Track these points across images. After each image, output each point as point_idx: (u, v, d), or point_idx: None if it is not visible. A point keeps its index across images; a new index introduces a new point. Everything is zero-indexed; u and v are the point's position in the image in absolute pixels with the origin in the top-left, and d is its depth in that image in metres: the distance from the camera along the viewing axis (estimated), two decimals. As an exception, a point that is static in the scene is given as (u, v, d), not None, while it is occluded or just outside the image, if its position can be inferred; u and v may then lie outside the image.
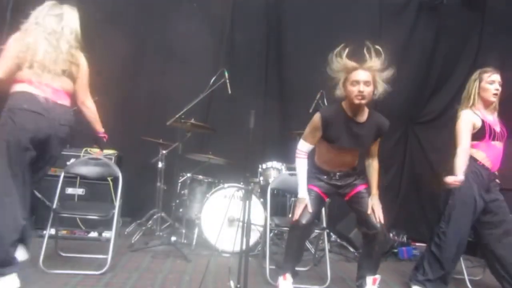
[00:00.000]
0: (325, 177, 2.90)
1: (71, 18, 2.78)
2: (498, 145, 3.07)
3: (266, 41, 5.31)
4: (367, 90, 2.62)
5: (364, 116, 2.78)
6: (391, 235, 4.54)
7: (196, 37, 5.06)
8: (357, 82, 2.62)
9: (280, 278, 2.86)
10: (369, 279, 2.86)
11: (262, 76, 5.31)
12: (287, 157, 4.69)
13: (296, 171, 2.88)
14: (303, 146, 2.86)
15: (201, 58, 5.06)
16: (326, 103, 4.26)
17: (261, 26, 5.30)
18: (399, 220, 5.23)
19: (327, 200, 2.98)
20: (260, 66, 5.31)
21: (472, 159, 3.01)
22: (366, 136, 2.82)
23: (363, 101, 2.64)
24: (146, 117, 5.11)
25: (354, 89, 2.62)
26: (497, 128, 3.08)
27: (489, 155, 3.03)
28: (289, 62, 5.27)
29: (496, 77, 3.05)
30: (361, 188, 2.90)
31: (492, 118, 3.11)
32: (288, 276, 2.85)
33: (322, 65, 2.97)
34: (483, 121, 3.01)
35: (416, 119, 5.56)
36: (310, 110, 4.26)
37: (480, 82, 3.07)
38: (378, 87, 2.67)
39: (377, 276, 2.87)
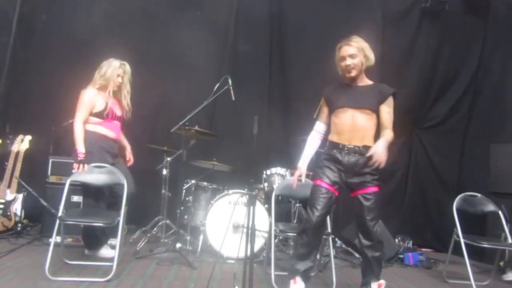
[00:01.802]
0: (334, 151, 2.82)
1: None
2: None
3: (269, 48, 5.34)
4: (354, 61, 2.80)
5: (364, 83, 2.91)
6: (396, 240, 4.52)
7: (200, 45, 5.09)
8: (343, 58, 2.84)
9: (291, 282, 2.85)
10: (374, 285, 2.85)
11: (266, 82, 5.32)
12: (291, 163, 4.70)
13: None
14: (318, 126, 3.06)
15: (204, 66, 5.09)
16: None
17: (264, 33, 5.32)
18: (405, 225, 5.22)
19: (338, 196, 2.87)
20: (263, 72, 5.33)
21: None
22: (366, 95, 2.84)
23: (353, 72, 2.83)
24: (150, 124, 5.14)
25: (342, 64, 2.86)
26: None
27: None
28: (292, 69, 5.29)
29: None
30: (371, 189, 2.78)
31: None
32: (298, 279, 2.83)
33: (325, 71, 2.99)
34: None
35: (420, 124, 5.55)
36: (314, 116, 4.26)
37: None
38: (369, 56, 2.83)
39: (382, 282, 2.86)
